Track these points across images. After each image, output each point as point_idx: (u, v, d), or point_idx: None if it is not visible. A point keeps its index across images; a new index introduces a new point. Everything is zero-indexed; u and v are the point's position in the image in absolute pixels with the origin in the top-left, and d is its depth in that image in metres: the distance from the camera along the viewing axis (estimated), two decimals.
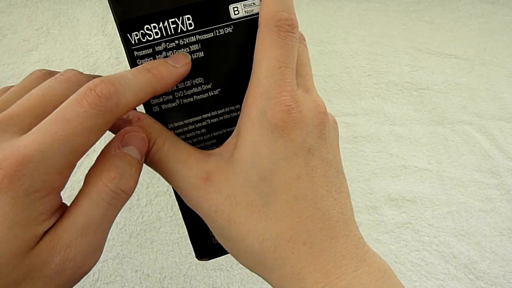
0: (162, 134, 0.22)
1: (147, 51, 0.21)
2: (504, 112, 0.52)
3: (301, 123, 0.20)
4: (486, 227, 0.46)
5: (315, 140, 0.21)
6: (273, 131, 0.20)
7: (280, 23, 0.21)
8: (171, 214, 0.43)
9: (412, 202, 0.47)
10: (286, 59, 0.21)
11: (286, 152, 0.20)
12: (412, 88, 0.52)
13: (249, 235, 0.20)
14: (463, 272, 0.44)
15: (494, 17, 0.58)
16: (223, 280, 0.41)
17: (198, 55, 0.22)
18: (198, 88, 0.23)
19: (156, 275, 0.41)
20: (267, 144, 0.20)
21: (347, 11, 0.56)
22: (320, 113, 0.21)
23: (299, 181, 0.20)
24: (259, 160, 0.20)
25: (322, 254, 0.19)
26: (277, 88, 0.20)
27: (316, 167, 0.20)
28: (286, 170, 0.20)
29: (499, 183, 0.48)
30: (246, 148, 0.20)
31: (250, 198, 0.20)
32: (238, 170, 0.20)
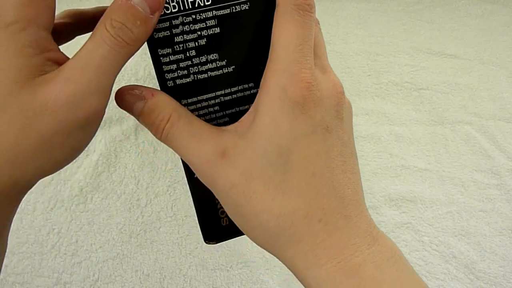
0: (177, 110, 0.22)
1: (164, 24, 0.22)
2: (504, 112, 0.52)
3: (320, 101, 0.21)
4: (486, 227, 0.46)
5: (332, 119, 0.21)
6: (294, 108, 0.20)
7: (299, 1, 0.21)
8: (171, 214, 0.43)
9: (412, 202, 0.47)
10: (306, 37, 0.21)
11: (306, 129, 0.20)
12: (412, 88, 0.52)
13: (265, 211, 0.20)
14: (463, 272, 0.44)
15: (494, 17, 0.58)
16: (223, 280, 0.42)
17: (214, 31, 0.22)
18: (212, 64, 0.23)
19: (156, 275, 0.41)
20: (287, 120, 0.20)
21: (347, 11, 0.56)
22: (338, 92, 0.22)
23: (317, 159, 0.20)
24: (278, 136, 0.20)
25: (336, 231, 0.20)
26: (298, 65, 0.20)
27: (333, 146, 0.21)
28: (304, 147, 0.20)
29: (499, 183, 0.48)
30: (265, 124, 0.21)
31: (267, 174, 0.20)
32: (256, 145, 0.21)
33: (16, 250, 0.41)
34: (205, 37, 0.22)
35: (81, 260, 0.41)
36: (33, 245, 0.41)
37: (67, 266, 0.41)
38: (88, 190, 0.43)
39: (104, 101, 0.21)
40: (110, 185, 0.44)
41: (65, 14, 0.25)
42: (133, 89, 0.22)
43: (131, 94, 0.22)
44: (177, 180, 0.44)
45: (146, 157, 0.45)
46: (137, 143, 0.45)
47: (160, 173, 0.44)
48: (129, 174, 0.44)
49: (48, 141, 0.19)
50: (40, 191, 0.43)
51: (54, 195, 0.43)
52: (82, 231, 0.42)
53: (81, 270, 0.41)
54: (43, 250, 0.41)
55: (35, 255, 0.41)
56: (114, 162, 0.44)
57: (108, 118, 0.46)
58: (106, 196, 0.43)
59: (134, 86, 0.23)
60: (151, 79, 0.47)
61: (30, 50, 0.19)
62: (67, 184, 0.43)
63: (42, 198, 0.43)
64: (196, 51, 0.22)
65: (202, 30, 0.22)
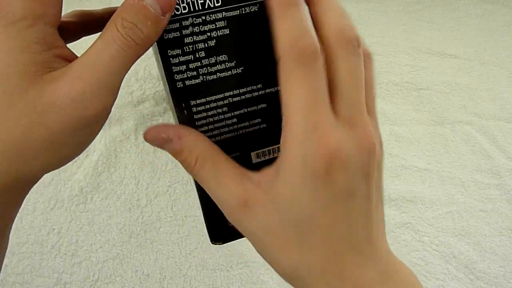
0: (202, 154, 0.22)
1: (174, 25, 0.22)
2: (504, 112, 0.52)
3: (344, 166, 0.19)
4: (486, 227, 0.46)
5: (358, 182, 0.20)
6: (315, 179, 0.19)
7: (299, 53, 0.19)
8: (171, 214, 0.43)
9: (412, 202, 0.47)
10: (316, 91, 0.19)
11: (327, 199, 0.20)
12: (412, 88, 0.52)
13: (282, 262, 0.21)
14: (463, 272, 0.44)
15: (494, 17, 0.58)
16: (223, 280, 0.42)
17: (224, 32, 0.22)
18: (221, 66, 0.23)
19: (156, 275, 0.41)
20: (308, 191, 0.20)
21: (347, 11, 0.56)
22: (366, 152, 0.20)
23: (336, 224, 0.20)
24: (299, 206, 0.20)
25: (350, 280, 0.20)
26: (316, 131, 0.19)
27: (355, 207, 0.20)
28: (324, 215, 0.20)
29: (499, 183, 0.48)
30: (286, 191, 0.20)
31: (286, 233, 0.21)
32: (277, 207, 0.21)
33: (16, 250, 0.41)
34: (215, 38, 0.22)
35: (81, 260, 0.41)
36: (33, 245, 0.41)
37: (67, 266, 0.41)
38: (88, 190, 0.43)
39: (112, 100, 0.21)
40: (110, 185, 0.44)
41: (73, 13, 0.25)
42: (159, 133, 0.23)
43: (158, 138, 0.23)
44: (177, 180, 0.44)
45: (146, 157, 0.45)
46: (137, 143, 0.45)
47: (160, 173, 0.44)
48: (129, 174, 0.44)
49: (55, 137, 0.20)
50: (40, 191, 0.43)
51: (54, 195, 0.43)
52: (82, 231, 0.42)
53: (81, 270, 0.41)
54: (43, 250, 0.41)
55: (35, 255, 0.41)
56: (114, 162, 0.44)
57: (108, 118, 0.46)
58: (106, 196, 0.43)
59: (161, 128, 0.23)
60: (151, 79, 0.47)
61: (38, 46, 0.19)
62: (67, 184, 0.43)
63: (42, 198, 0.43)
64: (206, 52, 0.23)
65: (212, 31, 0.22)
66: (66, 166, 0.44)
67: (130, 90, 0.47)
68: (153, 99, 0.47)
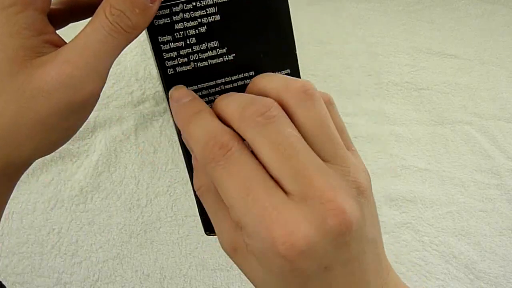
0: (209, 184, 0.21)
1: (164, 11, 0.22)
2: (504, 112, 0.52)
3: (309, 252, 0.17)
4: (486, 227, 0.46)
5: (332, 255, 0.18)
6: (280, 269, 0.18)
7: (210, 155, 0.18)
8: (171, 214, 0.43)
9: (412, 202, 0.47)
10: (248, 181, 0.18)
11: (299, 283, 0.18)
12: (412, 88, 0.52)
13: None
14: (463, 272, 0.44)
15: (494, 17, 0.58)
16: (223, 280, 0.41)
17: (214, 18, 0.22)
18: (213, 52, 0.23)
19: (156, 275, 0.41)
20: (276, 277, 0.19)
21: (347, 11, 0.56)
22: (335, 224, 0.17)
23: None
24: (271, 284, 0.19)
25: None
26: (262, 223, 0.17)
27: (336, 277, 0.19)
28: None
29: (499, 183, 0.48)
30: (259, 271, 0.20)
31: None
32: (255, 274, 0.20)
33: (16, 250, 0.41)
34: (205, 24, 0.22)
35: (81, 260, 0.41)
36: (33, 245, 0.41)
37: (67, 266, 0.41)
38: (88, 190, 0.43)
39: (100, 86, 0.21)
40: (110, 185, 0.44)
41: (60, 0, 0.25)
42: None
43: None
44: (177, 180, 0.44)
45: (146, 157, 0.45)
46: (137, 143, 0.45)
47: (160, 173, 0.44)
48: (129, 174, 0.44)
49: (44, 122, 0.20)
50: (40, 191, 0.43)
51: (54, 195, 0.43)
52: (82, 231, 0.42)
53: (81, 270, 0.41)
54: (43, 250, 0.41)
55: (35, 255, 0.41)
56: (114, 162, 0.44)
57: (108, 118, 0.46)
58: (106, 196, 0.43)
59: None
60: (151, 79, 0.47)
61: (27, 32, 0.19)
62: (67, 184, 0.43)
63: (42, 198, 0.43)
64: (197, 38, 0.22)
65: (203, 17, 0.22)
66: (66, 166, 0.44)
67: (130, 90, 0.47)
68: (153, 99, 0.47)
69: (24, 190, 0.43)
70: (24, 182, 0.43)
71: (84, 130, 0.45)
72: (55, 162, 0.44)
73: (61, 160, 0.44)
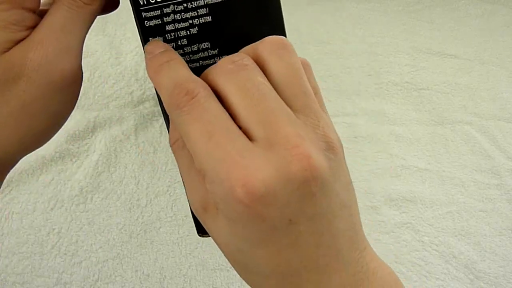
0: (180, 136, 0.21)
1: (155, 13, 0.22)
2: (504, 112, 0.52)
3: (269, 197, 0.16)
4: (486, 227, 0.46)
5: (296, 206, 0.17)
6: (241, 216, 0.17)
7: (175, 101, 0.18)
8: (171, 214, 0.43)
9: (412, 202, 0.47)
10: (210, 125, 0.17)
11: (262, 233, 0.17)
12: (412, 88, 0.52)
13: (241, 276, 0.20)
14: (463, 272, 0.44)
15: (494, 17, 0.58)
16: (223, 280, 0.41)
17: (206, 20, 0.22)
18: (204, 53, 0.23)
19: (156, 275, 0.41)
20: (240, 229, 0.18)
21: (347, 11, 0.56)
22: (298, 170, 0.16)
23: (280, 254, 0.18)
24: (236, 238, 0.19)
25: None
26: (223, 165, 0.17)
27: (301, 232, 0.18)
28: (264, 246, 0.18)
29: (499, 183, 0.48)
30: (223, 222, 0.19)
31: (235, 258, 0.20)
32: (222, 233, 0.19)
33: (16, 250, 0.41)
34: (197, 25, 0.22)
35: (81, 260, 0.41)
36: (33, 245, 0.41)
37: (67, 266, 0.41)
38: (88, 190, 0.43)
39: (76, 61, 0.21)
40: (110, 185, 0.44)
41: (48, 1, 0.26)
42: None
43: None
44: (177, 180, 0.44)
45: (146, 157, 0.45)
46: (137, 143, 0.45)
47: (160, 173, 0.44)
48: (129, 174, 0.44)
49: (28, 108, 0.20)
50: (40, 191, 0.43)
51: (54, 195, 0.43)
52: (82, 231, 0.42)
53: (81, 270, 0.41)
54: (43, 250, 0.41)
55: (35, 255, 0.41)
56: (114, 162, 0.44)
57: (108, 118, 0.46)
58: (106, 196, 0.43)
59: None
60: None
61: (15, 27, 0.20)
62: (67, 184, 0.43)
63: (42, 198, 0.43)
64: (188, 40, 0.22)
65: (194, 18, 0.22)
66: (66, 166, 0.44)
67: (130, 90, 0.47)
68: (153, 99, 0.47)
69: (24, 190, 0.43)
70: (24, 182, 0.43)
71: (84, 130, 0.45)
72: (55, 162, 0.44)
73: (61, 160, 0.44)
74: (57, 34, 0.20)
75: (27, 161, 0.43)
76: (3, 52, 0.20)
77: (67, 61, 0.21)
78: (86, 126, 0.45)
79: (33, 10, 0.21)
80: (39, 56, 0.20)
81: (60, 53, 0.20)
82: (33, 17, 0.21)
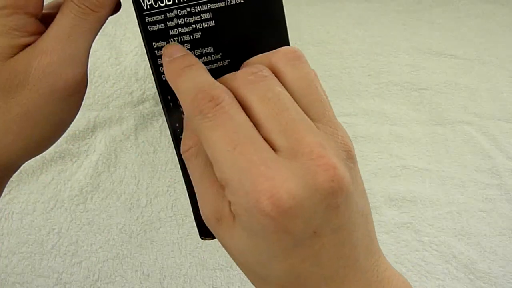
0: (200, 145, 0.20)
1: (158, 17, 0.22)
2: (504, 112, 0.52)
3: (296, 209, 0.16)
4: (486, 227, 0.46)
5: (321, 218, 0.17)
6: (265, 229, 0.17)
7: (199, 106, 0.18)
8: (171, 214, 0.43)
9: (412, 202, 0.47)
10: (235, 134, 0.17)
11: (285, 246, 0.17)
12: (412, 88, 0.52)
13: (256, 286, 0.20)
14: (463, 272, 0.44)
15: (494, 17, 0.58)
16: (223, 280, 0.41)
17: (209, 24, 0.22)
18: (207, 58, 0.23)
19: (156, 275, 0.41)
20: (260, 239, 0.17)
21: (347, 11, 0.56)
22: (322, 181, 0.16)
23: (302, 265, 0.18)
24: (254, 251, 0.18)
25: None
26: (248, 176, 0.16)
27: (324, 244, 0.18)
28: (284, 259, 0.18)
29: (499, 183, 0.48)
30: (242, 235, 0.18)
31: (251, 269, 0.19)
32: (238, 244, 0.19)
33: (16, 250, 0.41)
34: (200, 30, 0.22)
35: (81, 260, 0.41)
36: (33, 245, 0.41)
37: (67, 266, 0.41)
38: (88, 190, 0.43)
39: (81, 70, 0.21)
40: (110, 185, 0.44)
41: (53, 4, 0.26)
42: None
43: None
44: (177, 180, 0.44)
45: (146, 157, 0.45)
46: (137, 143, 0.45)
47: (160, 173, 0.44)
48: (129, 174, 0.44)
49: (31, 116, 0.20)
50: (40, 191, 0.43)
51: (54, 195, 0.43)
52: (82, 231, 0.42)
53: (81, 270, 0.41)
54: (43, 250, 0.41)
55: (35, 255, 0.41)
56: (114, 162, 0.44)
57: (108, 118, 0.46)
58: (106, 196, 0.43)
59: None
60: (151, 79, 0.47)
61: (17, 32, 0.20)
62: (67, 184, 0.43)
63: (42, 198, 0.43)
64: (191, 44, 0.23)
65: (197, 23, 0.22)
66: (66, 166, 0.44)
67: (130, 90, 0.47)
68: (153, 99, 0.47)
69: (24, 190, 0.43)
70: (24, 182, 0.43)
71: (84, 130, 0.45)
72: (55, 162, 0.44)
73: (61, 160, 0.44)
74: (62, 43, 0.20)
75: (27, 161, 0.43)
76: (6, 58, 0.20)
77: (71, 70, 0.20)
78: (86, 126, 0.45)
79: (36, 15, 0.21)
80: (43, 65, 0.20)
81: (65, 62, 0.20)
82: (36, 22, 0.21)
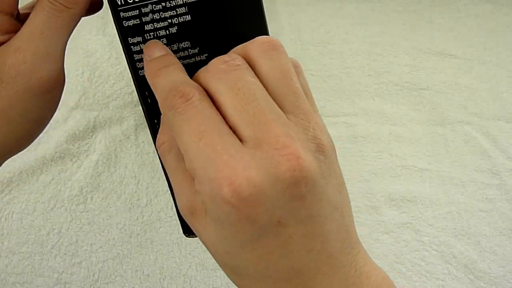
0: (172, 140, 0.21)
1: (133, 13, 0.21)
2: (504, 112, 0.52)
3: (257, 197, 0.16)
4: (486, 227, 0.46)
5: (285, 208, 0.17)
6: (228, 217, 0.17)
7: (170, 102, 0.18)
8: (171, 214, 0.43)
9: (412, 202, 0.47)
10: (202, 126, 0.17)
11: (250, 235, 0.17)
12: (412, 88, 0.52)
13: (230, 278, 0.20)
14: (463, 272, 0.44)
15: (494, 17, 0.58)
16: (223, 280, 0.41)
17: (185, 19, 0.22)
18: (184, 53, 0.23)
19: (156, 275, 0.41)
20: (228, 231, 0.17)
21: (347, 11, 0.56)
22: (287, 170, 0.16)
23: (269, 257, 0.18)
24: (224, 241, 0.18)
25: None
26: (212, 164, 0.16)
27: (291, 235, 0.17)
28: (252, 249, 0.18)
29: (499, 183, 0.48)
30: (211, 225, 0.18)
31: (223, 260, 0.19)
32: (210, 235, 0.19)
33: (16, 250, 0.41)
34: (176, 25, 0.22)
35: (81, 260, 0.41)
36: (33, 245, 0.41)
37: (67, 266, 0.41)
38: (88, 190, 0.43)
39: (56, 67, 0.21)
40: (110, 185, 0.44)
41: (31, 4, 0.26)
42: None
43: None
44: None
45: (146, 157, 0.45)
46: (137, 143, 0.45)
47: (160, 173, 0.44)
48: (129, 174, 0.44)
49: (6, 113, 0.20)
50: (40, 191, 0.43)
51: (54, 195, 0.43)
52: (82, 231, 0.42)
53: (81, 270, 0.41)
54: (43, 250, 0.41)
55: (35, 255, 0.41)
56: (114, 162, 0.44)
57: (108, 118, 0.46)
58: (106, 196, 0.43)
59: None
60: None
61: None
62: (67, 184, 0.43)
63: (42, 198, 0.43)
64: (167, 39, 0.22)
65: (173, 18, 0.22)
66: (66, 166, 0.44)
67: (130, 90, 0.47)
68: None
69: (24, 190, 0.43)
70: (24, 182, 0.43)
71: (84, 130, 0.45)
72: (55, 162, 0.44)
73: (61, 160, 0.44)
74: (36, 40, 0.20)
75: (27, 161, 0.43)
76: None
77: (46, 67, 0.20)
78: (86, 126, 0.45)
79: (10, 13, 0.21)
80: (17, 62, 0.20)
81: (39, 60, 0.20)
82: (10, 20, 0.21)
